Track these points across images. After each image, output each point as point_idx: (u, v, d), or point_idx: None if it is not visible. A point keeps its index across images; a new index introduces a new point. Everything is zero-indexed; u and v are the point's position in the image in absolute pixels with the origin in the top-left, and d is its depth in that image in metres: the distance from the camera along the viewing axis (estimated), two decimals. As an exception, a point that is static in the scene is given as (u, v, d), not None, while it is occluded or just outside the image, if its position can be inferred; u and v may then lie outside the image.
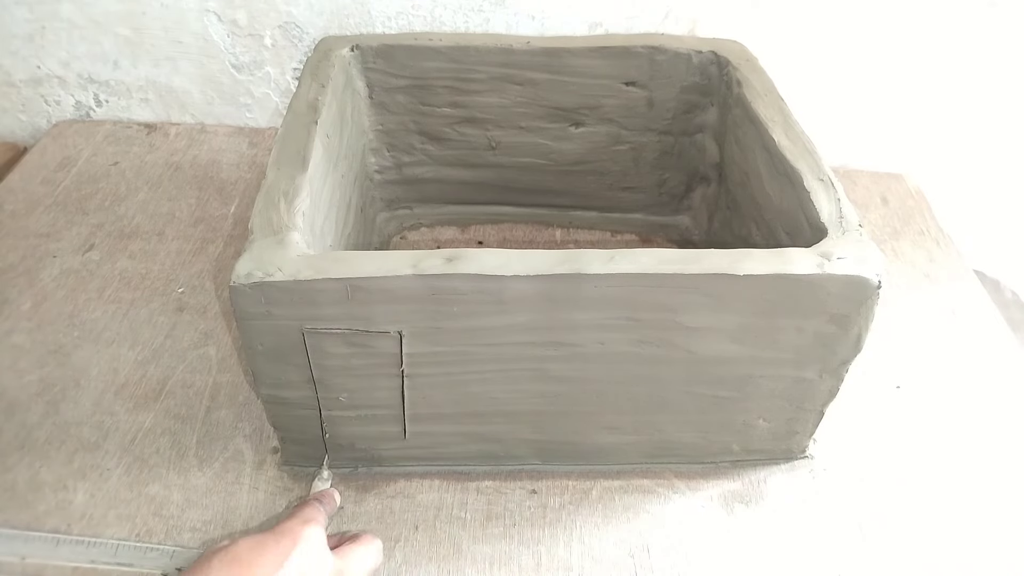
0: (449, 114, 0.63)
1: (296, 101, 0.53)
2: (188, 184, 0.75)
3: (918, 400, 0.58)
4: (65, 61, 0.80)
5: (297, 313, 0.41)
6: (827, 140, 0.66)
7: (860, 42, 0.75)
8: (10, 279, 0.64)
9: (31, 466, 0.51)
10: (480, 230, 0.71)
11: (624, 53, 0.60)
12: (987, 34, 0.73)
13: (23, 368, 0.57)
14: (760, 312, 0.43)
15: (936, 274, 0.69)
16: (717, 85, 0.60)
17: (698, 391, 0.47)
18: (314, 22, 0.75)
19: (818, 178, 0.47)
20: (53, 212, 0.71)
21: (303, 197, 0.45)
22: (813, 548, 0.48)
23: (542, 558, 0.47)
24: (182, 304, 0.62)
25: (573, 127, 0.64)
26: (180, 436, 0.53)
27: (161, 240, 0.68)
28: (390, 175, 0.67)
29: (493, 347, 0.44)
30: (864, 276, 0.41)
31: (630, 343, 0.44)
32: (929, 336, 0.63)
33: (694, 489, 0.51)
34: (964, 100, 0.78)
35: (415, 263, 0.40)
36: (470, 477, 0.51)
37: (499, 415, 0.48)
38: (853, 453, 0.54)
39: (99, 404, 0.54)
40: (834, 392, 0.48)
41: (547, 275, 0.40)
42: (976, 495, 0.52)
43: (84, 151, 0.79)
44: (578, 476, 0.52)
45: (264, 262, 0.40)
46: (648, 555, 0.47)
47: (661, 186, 0.68)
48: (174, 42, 0.78)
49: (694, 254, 0.42)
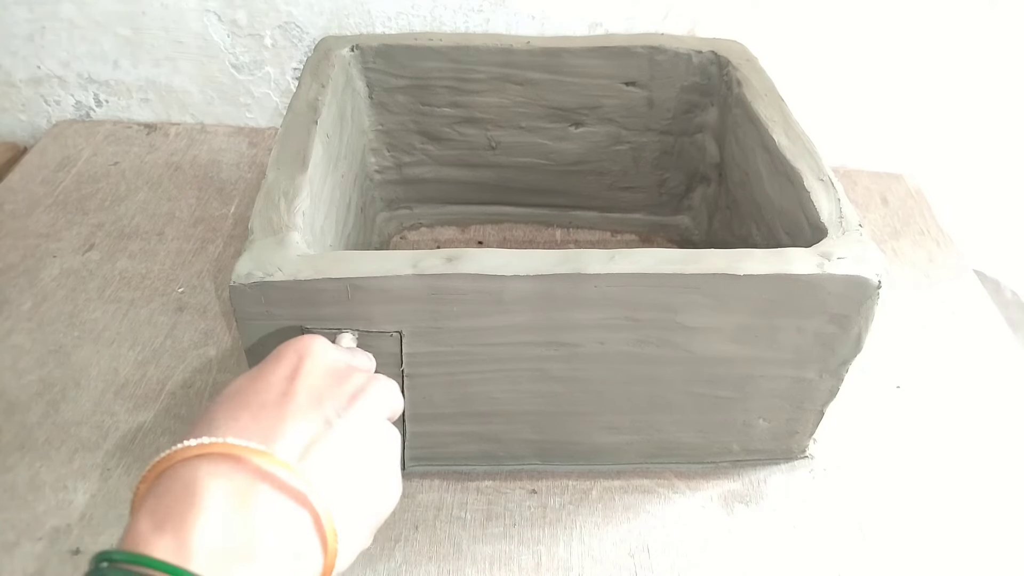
0: (449, 114, 0.63)
1: (296, 101, 0.53)
2: (188, 184, 0.75)
3: (918, 400, 0.58)
4: (65, 61, 0.80)
5: (297, 313, 0.41)
6: (827, 140, 0.66)
7: (860, 42, 0.75)
8: (10, 279, 0.64)
9: (31, 466, 0.51)
10: (480, 230, 0.71)
11: (624, 53, 0.60)
12: (987, 34, 0.73)
13: (23, 368, 0.57)
14: (760, 312, 0.43)
15: (936, 274, 0.69)
16: (717, 85, 0.60)
17: (698, 391, 0.47)
18: (314, 22, 0.75)
19: (818, 178, 0.47)
20: (53, 212, 0.71)
21: (303, 197, 0.45)
22: (813, 548, 0.48)
23: (542, 558, 0.47)
24: (182, 304, 0.62)
25: (573, 127, 0.64)
26: (180, 436, 0.52)
27: (161, 240, 0.68)
28: (390, 175, 0.67)
29: (493, 347, 0.44)
30: (864, 276, 0.41)
31: (630, 343, 0.44)
32: (929, 336, 0.63)
33: (694, 489, 0.51)
34: (964, 100, 0.78)
35: (415, 263, 0.40)
36: (470, 477, 0.51)
37: (499, 415, 0.48)
38: (853, 453, 0.54)
39: (99, 404, 0.54)
40: (834, 392, 0.48)
41: (547, 275, 0.40)
42: (976, 495, 0.52)
43: (84, 151, 0.79)
44: (578, 476, 0.52)
45: (264, 262, 0.40)
46: (648, 555, 0.47)
47: (661, 186, 0.68)
48: (174, 42, 0.78)
49: (694, 254, 0.42)
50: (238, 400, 0.32)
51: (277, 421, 0.31)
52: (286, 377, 0.33)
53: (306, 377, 0.33)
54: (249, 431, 0.30)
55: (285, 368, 0.34)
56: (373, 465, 0.33)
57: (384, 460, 0.34)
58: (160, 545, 0.26)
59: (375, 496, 0.33)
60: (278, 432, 0.30)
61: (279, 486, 0.29)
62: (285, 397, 0.32)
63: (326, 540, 0.29)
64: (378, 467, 0.34)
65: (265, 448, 0.29)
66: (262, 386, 0.32)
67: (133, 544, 0.26)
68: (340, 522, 0.30)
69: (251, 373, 0.34)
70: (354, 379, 0.34)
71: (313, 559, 0.29)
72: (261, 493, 0.28)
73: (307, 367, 0.34)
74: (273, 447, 0.30)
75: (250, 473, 0.29)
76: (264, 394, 0.32)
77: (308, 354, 0.34)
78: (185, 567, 0.25)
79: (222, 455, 0.29)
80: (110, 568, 0.26)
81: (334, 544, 0.29)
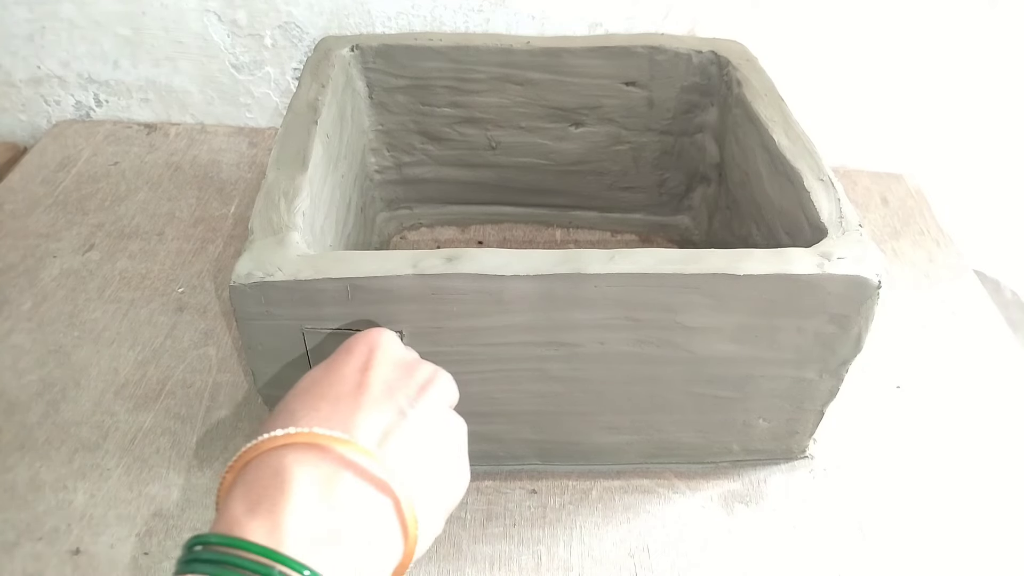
0: (449, 114, 0.63)
1: (296, 101, 0.53)
2: (188, 184, 0.75)
3: (918, 400, 0.58)
4: (65, 61, 0.80)
5: (297, 313, 0.41)
6: (827, 140, 0.66)
7: (860, 42, 0.75)
8: (10, 279, 0.64)
9: (31, 466, 0.51)
10: (480, 230, 0.71)
11: (624, 53, 0.60)
12: (987, 34, 0.73)
13: (23, 368, 0.57)
14: (760, 312, 0.43)
15: (936, 274, 0.69)
16: (717, 85, 0.60)
17: (698, 391, 0.47)
18: (314, 22, 0.75)
19: (818, 178, 0.47)
20: (53, 212, 0.71)
21: (303, 197, 0.45)
22: (813, 548, 0.48)
23: (542, 558, 0.47)
24: (182, 304, 0.62)
25: (573, 127, 0.64)
26: (180, 436, 0.53)
27: (161, 240, 0.68)
28: (390, 175, 0.67)
29: (493, 347, 0.44)
30: (864, 276, 0.41)
31: (630, 343, 0.44)
32: (929, 336, 0.63)
33: (694, 489, 0.51)
34: (964, 100, 0.78)
35: (415, 263, 0.40)
36: (470, 477, 0.51)
37: (499, 415, 0.48)
38: (853, 453, 0.54)
39: (99, 404, 0.55)
40: (834, 392, 0.48)
41: (547, 275, 0.40)
42: (976, 495, 0.52)
43: (84, 151, 0.79)
44: (578, 476, 0.52)
45: (264, 262, 0.40)
46: (648, 555, 0.47)
47: (661, 186, 0.68)
48: (174, 42, 0.78)
49: (694, 254, 0.42)
50: (315, 392, 0.33)
51: (355, 411, 0.32)
52: (359, 369, 0.34)
53: (378, 368, 0.34)
54: (330, 421, 0.31)
55: (357, 360, 0.35)
56: (444, 452, 0.34)
57: (454, 447, 0.35)
58: (253, 528, 0.27)
59: (448, 483, 0.35)
60: (357, 421, 0.31)
61: (362, 474, 0.30)
62: (360, 388, 0.33)
63: (407, 526, 0.30)
64: (449, 454, 0.35)
65: (348, 437, 0.30)
66: (336, 378, 0.34)
67: (228, 527, 0.27)
68: (419, 508, 0.31)
69: (324, 365, 0.35)
70: (422, 370, 0.36)
71: (395, 544, 0.30)
72: (346, 480, 0.29)
73: (378, 359, 0.35)
74: (355, 435, 0.30)
75: (334, 461, 0.30)
76: (339, 386, 0.33)
77: (378, 346, 0.36)
78: (279, 549, 0.26)
79: (307, 444, 0.30)
80: (205, 551, 0.27)
81: (414, 530, 0.30)
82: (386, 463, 0.30)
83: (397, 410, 0.33)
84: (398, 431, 0.32)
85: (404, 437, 0.32)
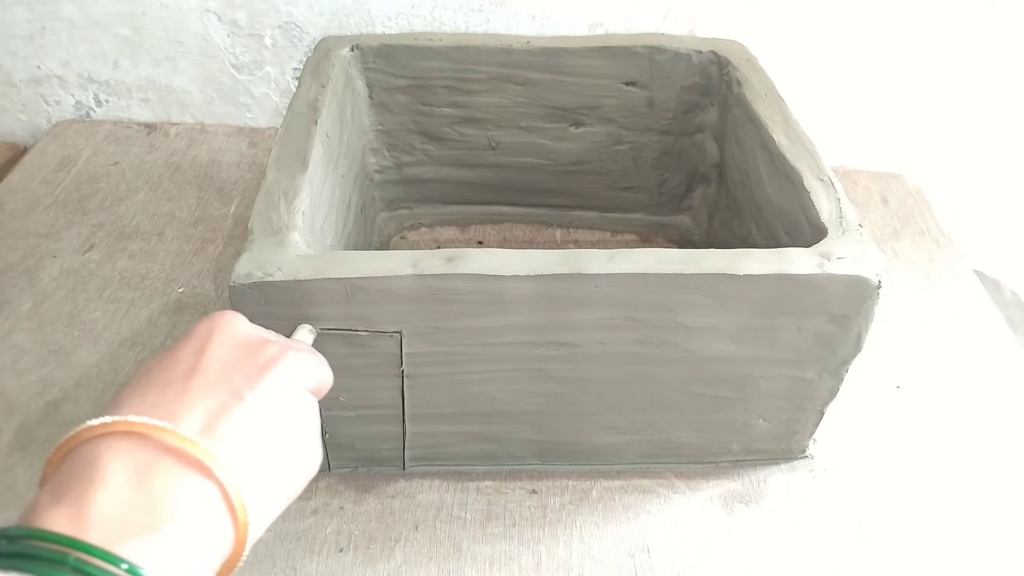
0: (449, 114, 0.63)
1: (296, 101, 0.53)
2: (188, 184, 0.75)
3: (918, 400, 0.58)
4: (65, 61, 0.80)
5: (297, 313, 0.41)
6: (827, 140, 0.66)
7: (860, 42, 0.75)
8: (10, 279, 0.64)
9: (31, 466, 0.51)
10: (480, 230, 0.71)
11: (624, 53, 0.60)
12: (987, 34, 0.73)
13: (23, 368, 0.57)
14: (760, 312, 0.43)
15: (936, 274, 0.69)
16: (717, 85, 0.60)
17: (698, 391, 0.47)
18: (314, 22, 0.75)
19: (818, 178, 0.47)
20: (53, 212, 0.71)
21: (303, 197, 0.45)
22: (813, 548, 0.48)
23: (542, 558, 0.47)
24: (182, 304, 0.62)
25: (573, 127, 0.64)
26: (180, 436, 0.53)
27: (161, 240, 0.68)
28: (390, 175, 0.67)
29: (493, 347, 0.44)
30: (864, 276, 0.41)
31: (630, 343, 0.44)
32: (929, 336, 0.63)
33: (694, 489, 0.51)
34: (964, 100, 0.78)
35: (415, 263, 0.40)
36: (470, 477, 0.51)
37: (499, 415, 0.48)
38: (853, 453, 0.54)
39: (99, 404, 0.54)
40: (834, 392, 0.48)
41: (547, 275, 0.40)
42: (976, 495, 0.52)
43: (84, 151, 0.79)
44: (578, 476, 0.52)
45: (264, 262, 0.40)
46: (648, 555, 0.47)
47: (661, 186, 0.68)
48: (174, 42, 0.78)
49: (694, 254, 0.42)
50: (147, 378, 0.32)
51: (183, 396, 0.31)
52: (195, 352, 0.33)
53: (215, 351, 0.33)
54: (156, 407, 0.30)
55: (195, 344, 0.34)
56: (288, 435, 0.33)
57: (300, 429, 0.34)
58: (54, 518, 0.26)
59: (291, 466, 0.33)
60: (184, 407, 0.30)
61: (184, 460, 0.29)
62: (193, 372, 0.32)
63: (235, 512, 0.29)
64: (294, 437, 0.33)
65: (167, 424, 0.29)
66: (171, 363, 0.32)
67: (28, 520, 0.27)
68: (250, 494, 0.30)
69: (164, 351, 0.34)
70: (267, 350, 0.34)
71: (224, 531, 0.29)
72: (164, 467, 0.28)
73: (216, 341, 0.34)
74: (178, 423, 0.29)
75: (153, 448, 0.29)
76: (172, 370, 0.32)
77: (218, 328, 0.34)
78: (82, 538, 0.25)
79: (126, 433, 0.29)
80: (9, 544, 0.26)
81: (244, 516, 0.29)
82: (211, 449, 0.29)
83: (232, 392, 0.32)
84: (230, 414, 0.31)
85: (238, 420, 0.31)
